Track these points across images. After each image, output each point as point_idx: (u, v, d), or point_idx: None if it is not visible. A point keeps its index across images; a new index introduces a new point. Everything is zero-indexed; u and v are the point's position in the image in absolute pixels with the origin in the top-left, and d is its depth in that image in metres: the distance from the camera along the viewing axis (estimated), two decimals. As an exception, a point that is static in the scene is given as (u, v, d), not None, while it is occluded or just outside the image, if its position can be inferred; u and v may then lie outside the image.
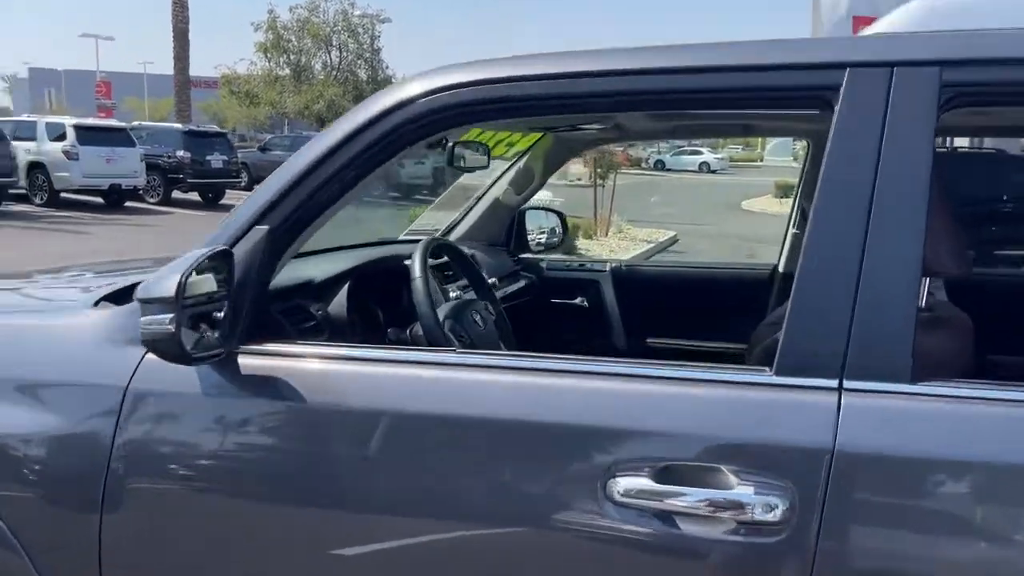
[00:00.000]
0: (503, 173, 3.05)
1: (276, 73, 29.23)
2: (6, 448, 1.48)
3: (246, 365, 1.41)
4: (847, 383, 1.17)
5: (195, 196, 18.23)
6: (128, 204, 16.96)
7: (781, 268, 3.03)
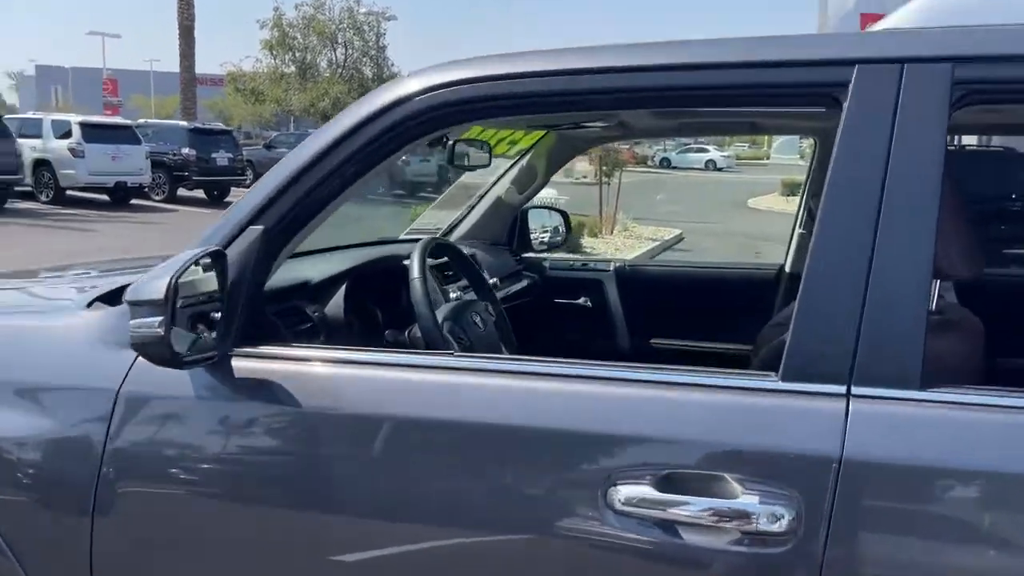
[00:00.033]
0: (505, 171, 3.03)
1: (281, 71, 29.16)
2: None
3: (239, 368, 1.38)
4: (855, 389, 1.13)
5: (200, 194, 18.27)
6: (134, 202, 17.03)
7: (788, 268, 3.00)
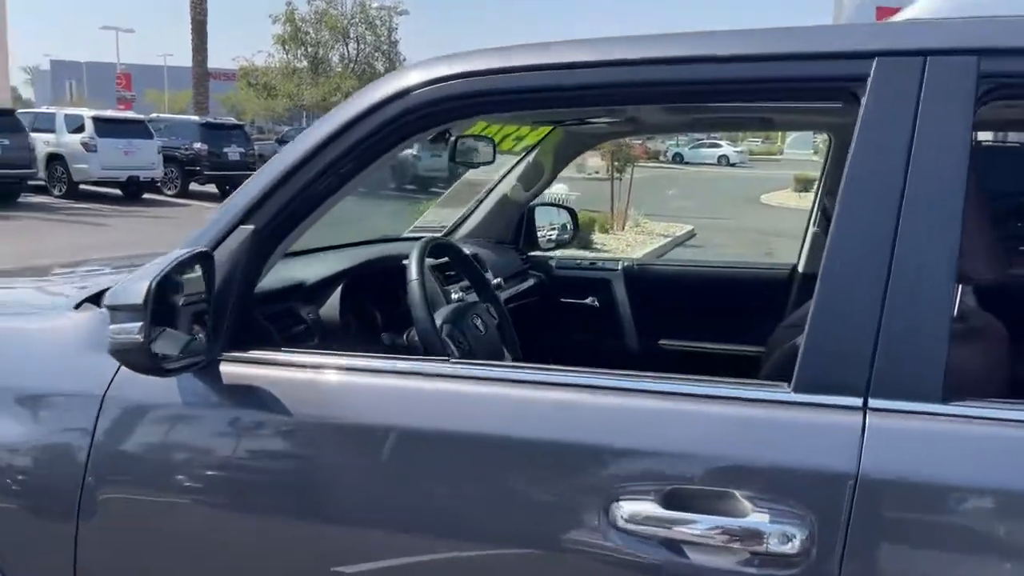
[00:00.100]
0: (512, 168, 2.96)
1: (294, 65, 29.23)
2: None
3: (228, 373, 1.33)
4: (872, 402, 1.07)
5: (212, 188, 18.29)
6: (146, 196, 17.08)
7: (800, 268, 2.92)
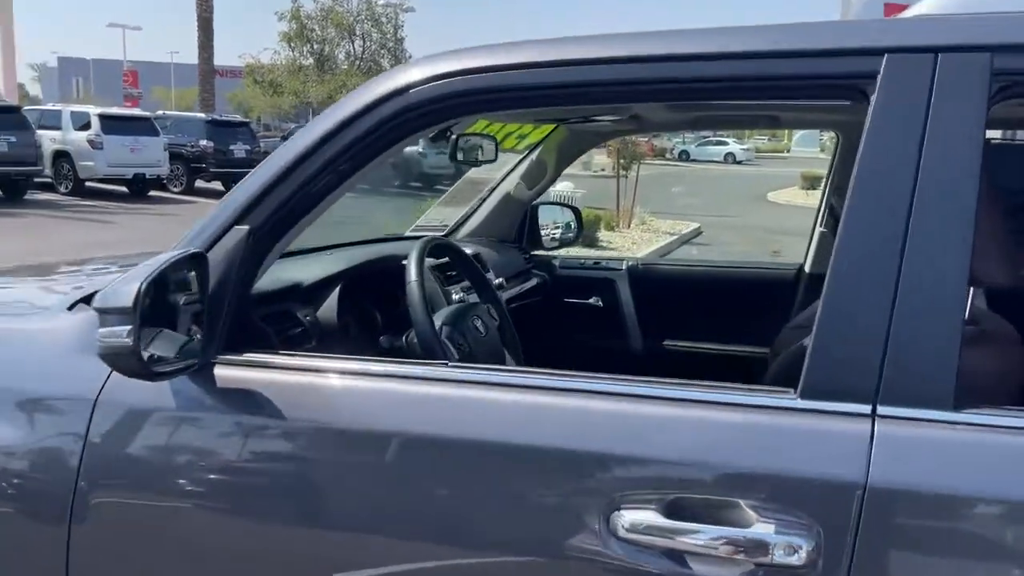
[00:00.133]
0: (515, 166, 2.93)
1: (300, 63, 29.25)
2: None
3: (222, 377, 1.31)
4: (881, 409, 1.04)
5: (218, 185, 18.29)
6: (152, 193, 17.10)
7: (807, 268, 2.88)
